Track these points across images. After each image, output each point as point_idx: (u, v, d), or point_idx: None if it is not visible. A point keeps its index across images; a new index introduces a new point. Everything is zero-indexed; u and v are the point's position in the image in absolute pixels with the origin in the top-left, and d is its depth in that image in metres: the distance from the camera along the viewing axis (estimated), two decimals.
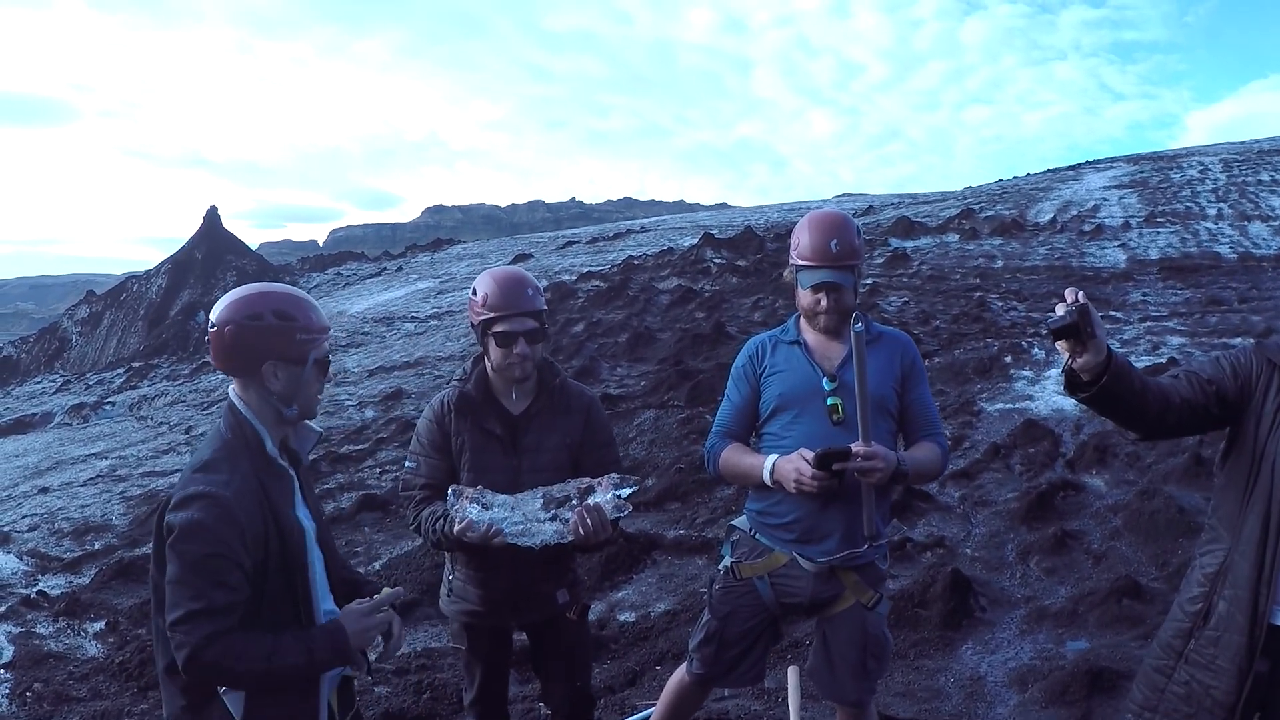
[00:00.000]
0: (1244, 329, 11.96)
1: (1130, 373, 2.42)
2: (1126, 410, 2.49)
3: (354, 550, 8.46)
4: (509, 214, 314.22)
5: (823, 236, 3.17)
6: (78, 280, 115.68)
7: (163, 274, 44.18)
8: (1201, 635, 2.53)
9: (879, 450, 2.95)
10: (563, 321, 17.38)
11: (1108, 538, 6.52)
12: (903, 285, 16.99)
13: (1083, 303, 2.32)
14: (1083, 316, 2.30)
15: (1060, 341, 2.36)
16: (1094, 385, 2.40)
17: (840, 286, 3.16)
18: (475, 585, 3.17)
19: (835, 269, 3.16)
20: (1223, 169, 29.38)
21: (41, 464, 15.22)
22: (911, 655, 5.26)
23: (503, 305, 3.06)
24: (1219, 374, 2.55)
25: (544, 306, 3.15)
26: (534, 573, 3.12)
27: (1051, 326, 2.34)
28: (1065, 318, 2.30)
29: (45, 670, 6.08)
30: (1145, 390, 2.46)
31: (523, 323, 3.06)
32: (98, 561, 8.72)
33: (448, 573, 3.29)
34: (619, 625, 6.16)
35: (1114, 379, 2.37)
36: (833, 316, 3.19)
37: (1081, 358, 2.36)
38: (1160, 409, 2.50)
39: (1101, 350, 2.35)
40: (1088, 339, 2.32)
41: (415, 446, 3.27)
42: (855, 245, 3.21)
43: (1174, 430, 2.61)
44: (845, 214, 3.31)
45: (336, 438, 13.44)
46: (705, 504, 8.09)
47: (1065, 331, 2.32)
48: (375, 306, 27.35)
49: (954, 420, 9.56)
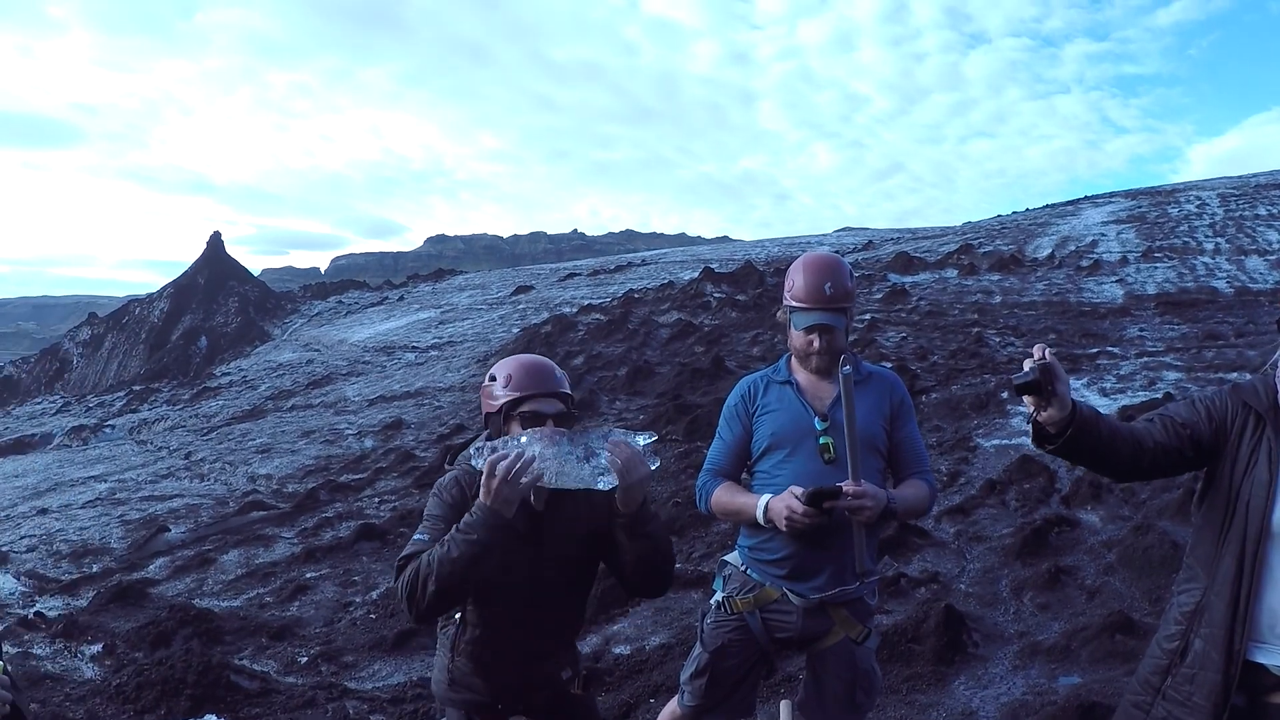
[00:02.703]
0: (1240, 364, 12.01)
1: (1097, 423, 2.49)
2: (1095, 458, 2.55)
3: (352, 579, 8.48)
4: (511, 245, 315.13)
5: (817, 279, 3.23)
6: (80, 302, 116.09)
7: (165, 298, 44.34)
8: (1178, 673, 2.56)
9: (869, 489, 3.00)
10: (563, 354, 17.45)
11: (1101, 573, 6.54)
12: (901, 321, 17.07)
13: (1048, 360, 2.40)
14: (1045, 373, 2.38)
15: (1026, 396, 2.44)
16: (1059, 438, 2.47)
17: (832, 329, 3.22)
18: (482, 676, 2.91)
19: (828, 311, 3.22)
20: (1220, 203, 29.56)
21: (41, 485, 15.26)
22: (904, 690, 5.28)
23: (530, 385, 2.87)
24: (1194, 417, 2.60)
25: (571, 391, 2.97)
26: (545, 656, 2.95)
27: (1016, 382, 2.42)
28: (1029, 374, 2.39)
29: (42, 691, 6.10)
30: (1115, 438, 2.52)
31: (551, 404, 2.87)
32: (95, 584, 8.76)
33: (446, 659, 2.99)
34: (614, 658, 6.19)
35: (1079, 431, 2.44)
36: (824, 357, 3.24)
37: (1045, 412, 2.43)
38: (1132, 454, 2.55)
39: (1066, 405, 2.42)
40: (1050, 396, 2.40)
41: (427, 524, 2.91)
42: (848, 288, 3.27)
43: (1148, 473, 2.66)
44: (838, 256, 3.38)
45: (336, 467, 13.49)
46: (701, 538, 8.13)
47: (1029, 388, 2.40)
48: (376, 335, 27.47)
49: (950, 456, 9.60)
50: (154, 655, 6.47)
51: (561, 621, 2.97)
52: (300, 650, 6.91)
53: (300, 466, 14.16)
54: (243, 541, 10.02)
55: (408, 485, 11.88)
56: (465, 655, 2.91)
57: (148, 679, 5.74)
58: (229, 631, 7.19)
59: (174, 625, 7.10)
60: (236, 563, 9.36)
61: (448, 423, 15.38)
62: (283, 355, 29.15)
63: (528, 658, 2.91)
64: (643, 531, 2.76)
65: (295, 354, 28.60)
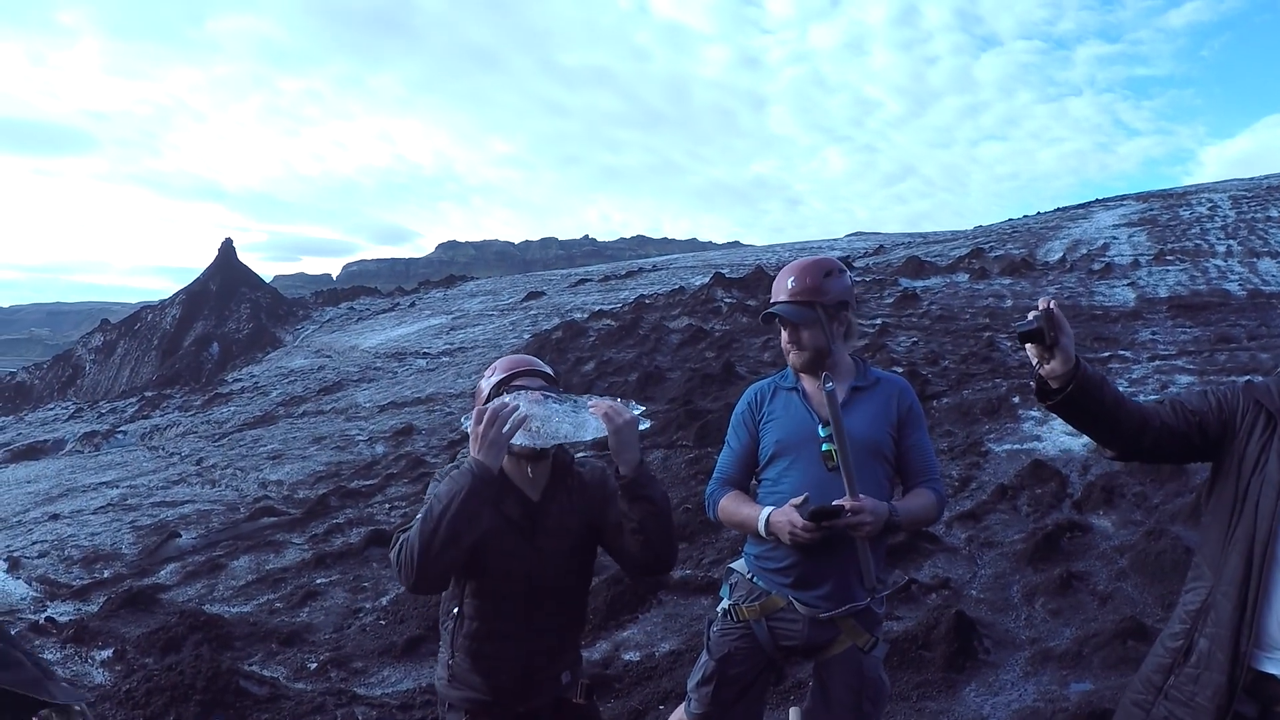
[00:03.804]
0: (1253, 366, 11.94)
1: (1101, 386, 2.49)
2: (1097, 423, 2.55)
3: (362, 585, 8.49)
4: (522, 250, 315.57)
5: (785, 276, 3.31)
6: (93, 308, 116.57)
7: (177, 305, 44.55)
8: (1181, 672, 2.54)
9: (867, 504, 2.98)
10: (573, 360, 17.46)
11: (1114, 578, 6.50)
12: (912, 325, 17.03)
13: (1051, 308, 2.43)
14: (1048, 321, 2.41)
15: (1028, 345, 2.48)
16: (1061, 393, 2.48)
17: (794, 322, 3.23)
18: (481, 672, 2.92)
19: (788, 304, 3.25)
20: (1232, 205, 29.41)
21: (53, 490, 15.32)
22: (914, 697, 5.25)
23: (513, 367, 3.00)
24: (1204, 406, 2.60)
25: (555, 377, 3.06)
26: (543, 654, 2.96)
27: (1019, 330, 2.46)
28: (1032, 322, 2.43)
29: None
30: (1119, 406, 2.53)
31: (535, 380, 2.95)
32: (106, 590, 8.78)
33: (446, 655, 3.00)
34: (624, 664, 6.17)
35: (1080, 389, 2.46)
36: (801, 355, 3.26)
37: (1049, 364, 2.46)
38: (1136, 428, 2.55)
39: (1069, 358, 2.44)
40: (1053, 344, 2.42)
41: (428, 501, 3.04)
42: (818, 284, 3.24)
43: (1151, 453, 2.64)
44: (826, 259, 3.37)
45: (346, 473, 13.51)
46: (712, 544, 8.11)
47: (1031, 336, 2.44)
48: (388, 341, 27.53)
49: (961, 461, 9.56)
50: (164, 660, 6.49)
51: (560, 617, 2.97)
52: (310, 656, 6.92)
53: (311, 472, 14.19)
54: (253, 547, 10.04)
55: (418, 491, 11.89)
56: (464, 651, 2.93)
57: (158, 684, 5.75)
58: (239, 637, 7.20)
59: (184, 631, 7.12)
60: (247, 569, 9.38)
61: (458, 429, 15.39)
62: (294, 361, 29.25)
63: (527, 653, 2.91)
64: (643, 494, 2.80)
65: (307, 360, 28.69)
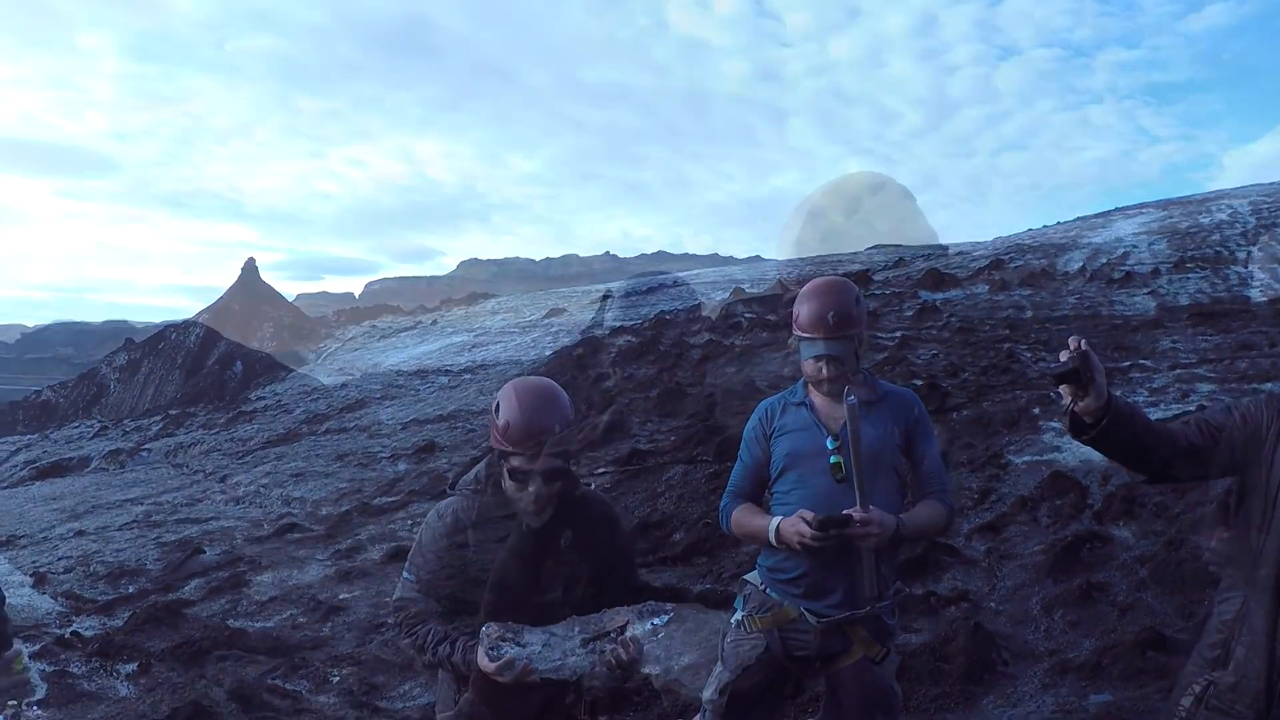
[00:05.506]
0: (1275, 373, 11.81)
1: (1133, 416, 2.55)
2: (1129, 453, 2.60)
3: (383, 601, 8.55)
4: (543, 268, 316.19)
5: (820, 308, 3.32)
6: (117, 328, 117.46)
7: (200, 324, 44.89)
8: (1221, 681, 2.59)
9: (875, 515, 3.04)
10: (594, 376, 17.49)
11: (1134, 589, 6.47)
12: (932, 338, 16.97)
13: (1084, 349, 2.47)
14: (1084, 362, 2.45)
15: (1063, 385, 2.52)
16: (1095, 428, 2.52)
17: (838, 357, 3.28)
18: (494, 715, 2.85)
19: (832, 340, 3.29)
20: (1251, 212, 29.10)
21: (78, 507, 15.46)
22: (932, 709, 5.25)
23: (519, 439, 2.78)
24: (1228, 421, 2.63)
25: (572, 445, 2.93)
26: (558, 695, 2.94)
27: (1053, 372, 2.51)
28: (1067, 363, 2.46)
29: (78, 709, 6.20)
30: (1150, 433, 2.57)
31: (542, 461, 2.76)
32: (131, 605, 8.86)
33: (451, 690, 2.95)
34: (642, 678, 6.18)
35: (1113, 422, 2.50)
36: (835, 383, 3.30)
37: (1083, 401, 2.50)
38: (1167, 453, 2.59)
39: (1102, 394, 2.48)
40: (1088, 383, 2.47)
41: (418, 558, 2.91)
42: (853, 314, 3.31)
43: (1182, 474, 2.70)
44: (845, 281, 3.42)
45: (369, 490, 13.59)
46: (731, 558, 8.11)
47: (1067, 376, 2.48)
48: (410, 359, 27.67)
49: (981, 473, 9.52)
50: (188, 674, 6.57)
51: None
52: (332, 670, 6.97)
53: (334, 489, 14.27)
54: (277, 564, 10.12)
55: None
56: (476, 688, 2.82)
57: (182, 698, 5.82)
58: (262, 651, 7.27)
59: (208, 645, 7.20)
60: (270, 584, 9.46)
61: (480, 445, 15.42)
62: (317, 380, 29.42)
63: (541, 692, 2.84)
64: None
65: (329, 378, 28.83)
